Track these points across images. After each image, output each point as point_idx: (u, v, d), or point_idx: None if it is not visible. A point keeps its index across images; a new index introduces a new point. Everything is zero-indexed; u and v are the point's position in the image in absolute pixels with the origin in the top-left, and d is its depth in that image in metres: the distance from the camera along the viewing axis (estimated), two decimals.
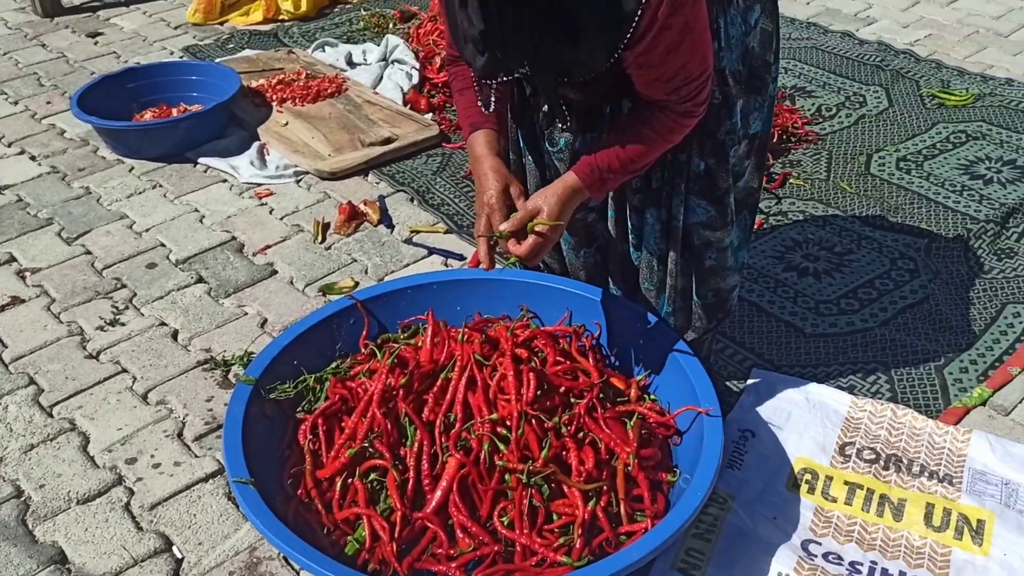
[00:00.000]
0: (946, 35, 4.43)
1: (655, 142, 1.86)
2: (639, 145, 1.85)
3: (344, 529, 1.84)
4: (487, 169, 1.93)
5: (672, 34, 1.68)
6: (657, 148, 1.88)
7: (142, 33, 4.72)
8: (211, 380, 2.46)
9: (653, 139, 1.85)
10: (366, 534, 1.80)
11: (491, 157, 1.94)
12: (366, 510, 1.82)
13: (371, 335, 2.26)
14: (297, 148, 3.53)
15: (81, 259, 2.97)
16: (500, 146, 1.98)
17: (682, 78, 1.76)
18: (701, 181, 2.03)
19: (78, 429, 2.31)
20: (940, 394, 2.35)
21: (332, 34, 4.62)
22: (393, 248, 3.02)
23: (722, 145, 2.00)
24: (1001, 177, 3.25)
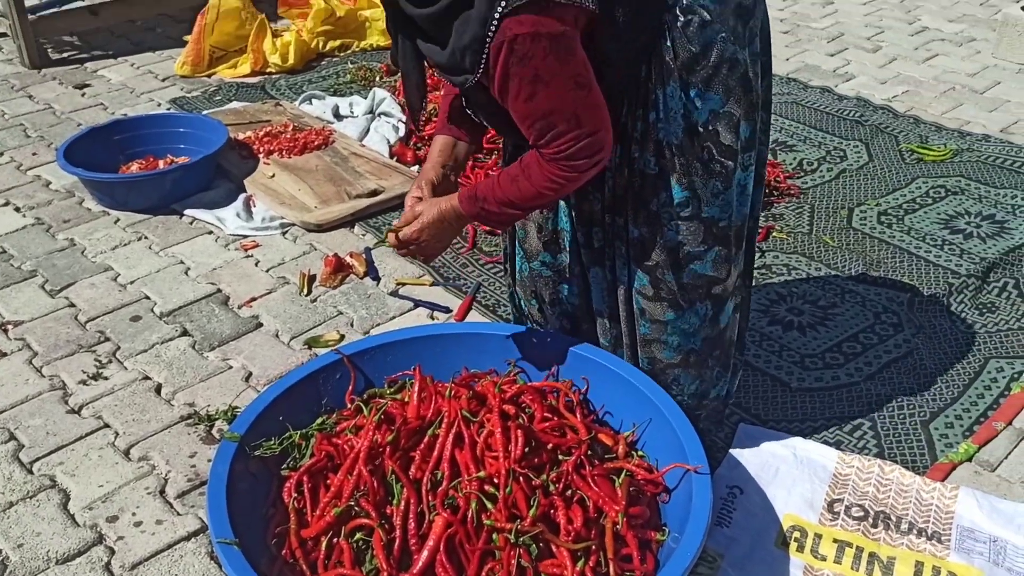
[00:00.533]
0: (923, 91, 4.51)
1: (524, 184, 1.86)
2: (511, 183, 1.88)
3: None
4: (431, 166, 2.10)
5: (520, 82, 1.71)
6: (527, 191, 1.87)
7: (130, 85, 4.74)
8: (194, 435, 2.44)
9: (522, 181, 1.86)
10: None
11: (431, 161, 2.10)
12: (351, 572, 1.79)
13: (357, 390, 2.25)
14: (283, 200, 3.54)
15: (64, 312, 2.95)
16: (454, 151, 2.11)
17: (544, 126, 1.77)
18: (636, 248, 2.05)
19: (59, 486, 2.28)
20: (927, 449, 2.35)
21: (319, 87, 4.66)
22: (379, 301, 3.02)
23: (656, 217, 1.99)
24: (981, 232, 3.30)
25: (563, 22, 1.67)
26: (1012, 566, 1.98)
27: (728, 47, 1.87)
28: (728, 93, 1.90)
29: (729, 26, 1.87)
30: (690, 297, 2.07)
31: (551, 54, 1.68)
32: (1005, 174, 3.67)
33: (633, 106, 1.91)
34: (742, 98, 1.91)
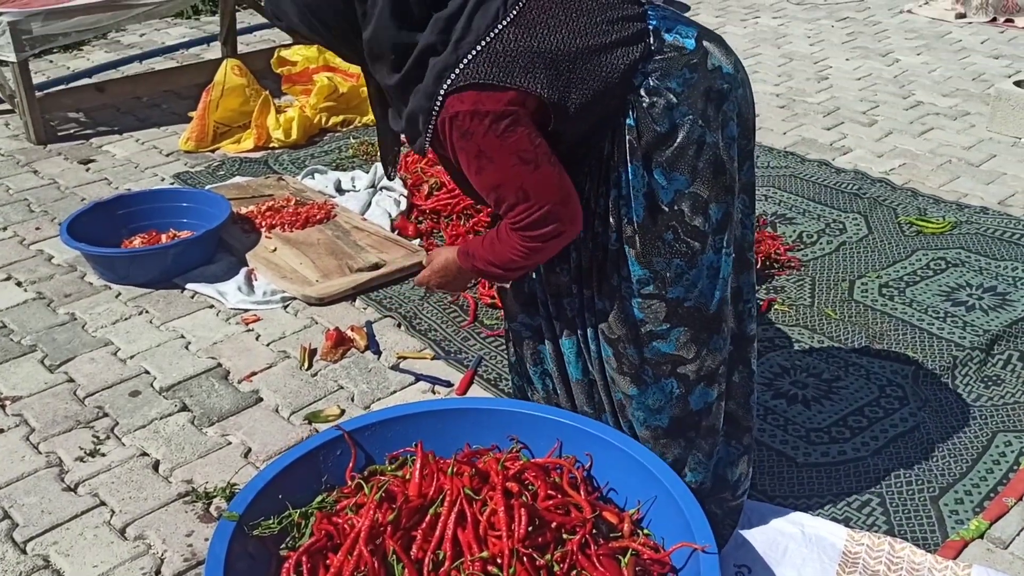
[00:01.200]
0: (920, 164, 4.56)
1: (500, 248, 1.95)
2: (491, 246, 1.97)
3: None
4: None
5: (467, 156, 1.80)
6: (502, 256, 1.95)
7: (134, 160, 4.79)
8: (192, 513, 2.40)
9: (498, 245, 1.95)
10: None
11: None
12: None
13: (358, 467, 2.22)
14: (285, 274, 3.55)
15: (63, 387, 2.93)
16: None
17: (496, 198, 1.85)
18: (601, 320, 2.06)
19: (52, 566, 2.23)
20: (937, 526, 2.31)
21: (322, 161, 4.71)
22: (380, 375, 3.00)
23: (618, 291, 2.00)
24: (983, 304, 3.30)
25: (505, 102, 1.74)
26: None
27: (696, 129, 1.88)
28: (695, 174, 1.90)
29: (698, 109, 1.88)
30: (654, 373, 2.06)
31: (490, 131, 1.75)
32: (1005, 246, 3.68)
33: (596, 182, 1.94)
34: (711, 180, 1.91)
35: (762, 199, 4.15)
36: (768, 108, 5.32)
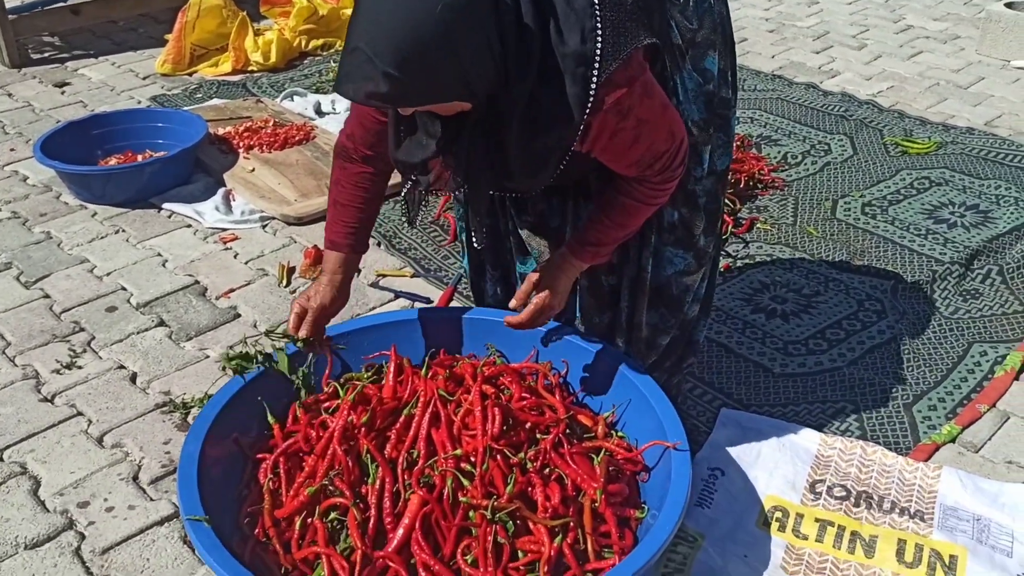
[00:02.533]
0: (907, 87, 4.51)
1: (640, 209, 1.91)
2: (627, 215, 1.91)
3: (303, 569, 1.78)
4: (327, 283, 2.06)
5: (627, 132, 1.73)
6: (644, 213, 1.93)
7: (110, 83, 4.71)
8: (169, 423, 2.40)
9: (638, 207, 1.90)
10: (325, 574, 1.73)
11: (338, 274, 2.06)
12: (325, 549, 1.76)
13: (334, 374, 2.21)
14: (263, 194, 3.51)
15: (39, 303, 2.91)
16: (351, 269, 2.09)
17: (651, 156, 1.79)
18: (676, 231, 2.08)
19: (29, 473, 2.24)
20: (909, 431, 2.33)
21: (301, 85, 4.64)
22: (359, 292, 2.98)
23: (693, 195, 2.05)
24: (964, 221, 3.29)
25: (639, 63, 1.70)
26: (996, 544, 1.96)
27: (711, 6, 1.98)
28: (716, 49, 1.99)
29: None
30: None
31: (643, 96, 1.71)
32: (989, 165, 3.66)
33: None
34: (723, 48, 2.02)
35: (748, 121, 4.11)
36: (757, 32, 5.25)
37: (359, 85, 1.49)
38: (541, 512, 1.77)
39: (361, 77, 1.48)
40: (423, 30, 1.45)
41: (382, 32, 1.45)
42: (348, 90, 1.51)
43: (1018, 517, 2.02)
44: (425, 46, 1.46)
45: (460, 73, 1.50)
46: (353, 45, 1.48)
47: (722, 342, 2.69)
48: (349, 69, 1.49)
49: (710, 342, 2.67)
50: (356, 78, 1.48)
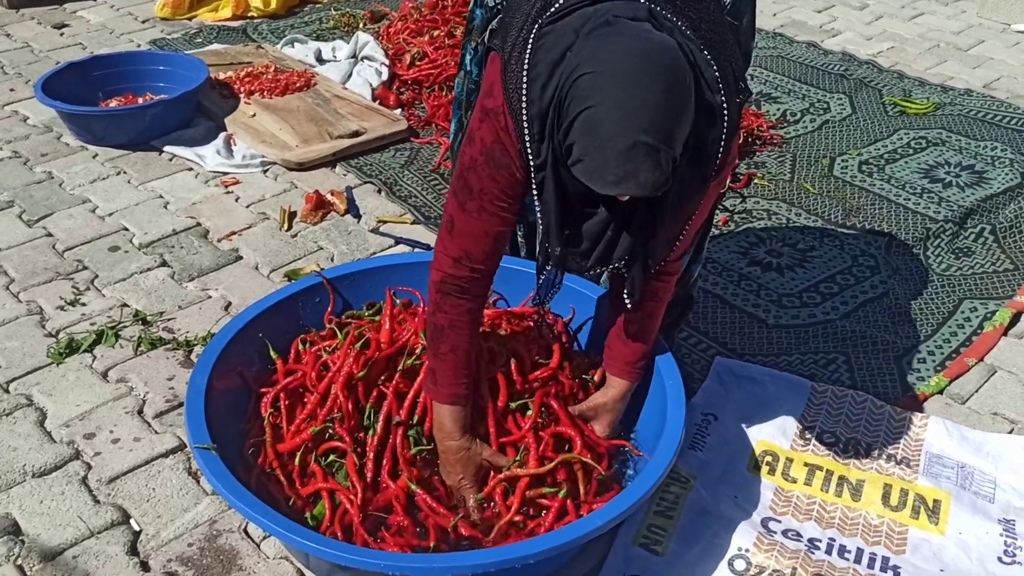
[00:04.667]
0: (908, 48, 4.52)
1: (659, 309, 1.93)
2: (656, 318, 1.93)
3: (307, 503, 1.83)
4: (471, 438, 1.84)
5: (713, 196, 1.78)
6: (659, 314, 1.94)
7: (109, 26, 4.68)
8: (173, 360, 2.43)
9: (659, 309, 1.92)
10: (326, 508, 1.78)
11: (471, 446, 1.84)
12: (330, 484, 1.81)
13: (336, 312, 2.25)
14: (264, 139, 3.52)
15: (42, 241, 2.93)
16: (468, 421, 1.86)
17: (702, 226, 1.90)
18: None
19: (35, 405, 2.27)
20: (898, 382, 2.38)
21: (302, 32, 4.62)
22: (360, 237, 3.01)
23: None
24: (960, 181, 3.32)
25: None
26: (978, 490, 2.02)
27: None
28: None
29: None
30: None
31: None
32: (986, 127, 3.69)
33: None
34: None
35: (747, 78, 4.11)
36: None
37: (648, 179, 1.39)
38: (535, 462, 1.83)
39: (648, 170, 1.38)
40: (682, 102, 1.41)
41: (652, 115, 1.37)
42: (632, 187, 1.40)
43: (1001, 465, 2.08)
44: (684, 119, 1.42)
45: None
46: (631, 140, 1.36)
47: (718, 293, 2.73)
48: (633, 167, 1.38)
49: (706, 293, 2.71)
50: (643, 173, 1.38)
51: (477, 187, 1.67)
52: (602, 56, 1.41)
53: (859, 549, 1.88)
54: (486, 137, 1.64)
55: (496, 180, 1.65)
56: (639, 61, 1.39)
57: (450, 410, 1.82)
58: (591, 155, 1.40)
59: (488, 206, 1.68)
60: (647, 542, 1.88)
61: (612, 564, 1.84)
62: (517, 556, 1.58)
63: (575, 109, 1.41)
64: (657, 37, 1.45)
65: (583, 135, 1.40)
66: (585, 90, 1.40)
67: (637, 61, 1.40)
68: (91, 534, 1.92)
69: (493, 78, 1.65)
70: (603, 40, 1.43)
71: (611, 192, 1.42)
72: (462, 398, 1.82)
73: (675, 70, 1.41)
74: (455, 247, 1.75)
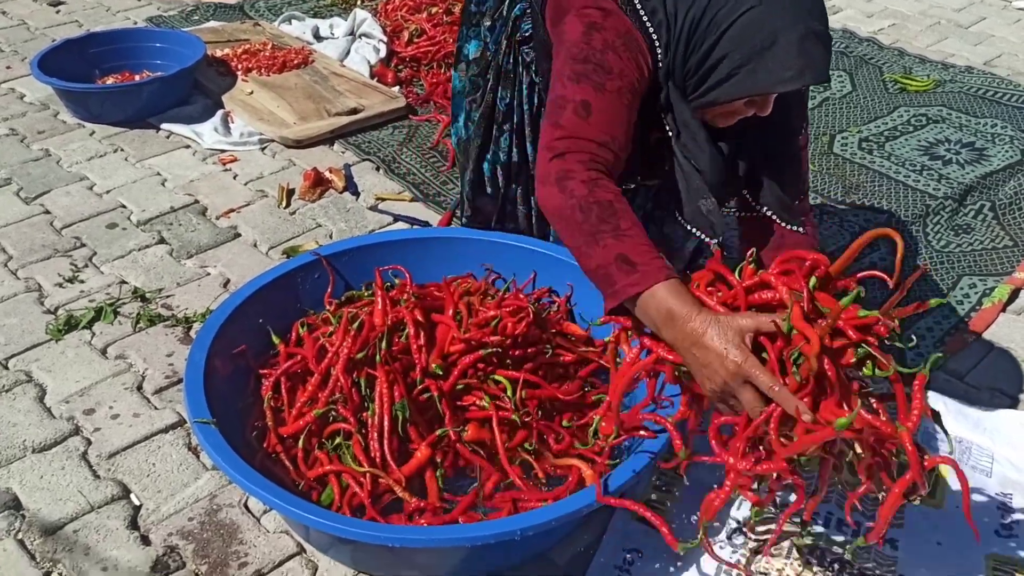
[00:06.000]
0: (909, 25, 4.50)
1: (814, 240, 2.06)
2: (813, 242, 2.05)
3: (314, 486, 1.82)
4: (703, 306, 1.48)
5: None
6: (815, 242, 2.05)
7: (104, 3, 4.65)
8: (172, 336, 2.43)
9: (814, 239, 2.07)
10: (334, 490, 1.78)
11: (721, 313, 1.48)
12: (337, 466, 1.80)
13: (336, 292, 2.24)
14: (262, 116, 3.50)
15: (40, 218, 2.93)
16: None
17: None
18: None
19: (35, 381, 2.28)
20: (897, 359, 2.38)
21: (299, 9, 4.59)
22: (358, 214, 3.00)
23: None
24: (959, 159, 3.31)
25: None
26: (976, 464, 2.03)
27: None
28: None
29: None
30: None
31: None
32: (987, 104, 3.67)
33: None
34: None
35: None
36: None
37: (823, 65, 1.48)
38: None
39: (822, 56, 1.47)
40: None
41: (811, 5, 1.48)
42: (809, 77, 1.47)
43: (998, 440, 2.09)
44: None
45: None
46: (804, 29, 1.44)
47: None
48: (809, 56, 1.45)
49: None
50: (819, 59, 1.46)
51: (618, 68, 1.61)
52: None
53: (857, 522, 1.88)
54: (620, 26, 1.62)
55: (636, 63, 1.62)
56: None
57: (669, 287, 1.46)
58: (758, 58, 1.45)
59: (627, 89, 1.61)
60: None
61: (610, 540, 1.85)
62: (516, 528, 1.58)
63: (723, 22, 1.46)
64: None
65: (742, 42, 1.45)
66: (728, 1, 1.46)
67: None
68: (91, 508, 1.92)
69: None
70: None
71: (788, 87, 1.47)
72: (671, 268, 1.50)
73: None
74: (598, 130, 1.58)
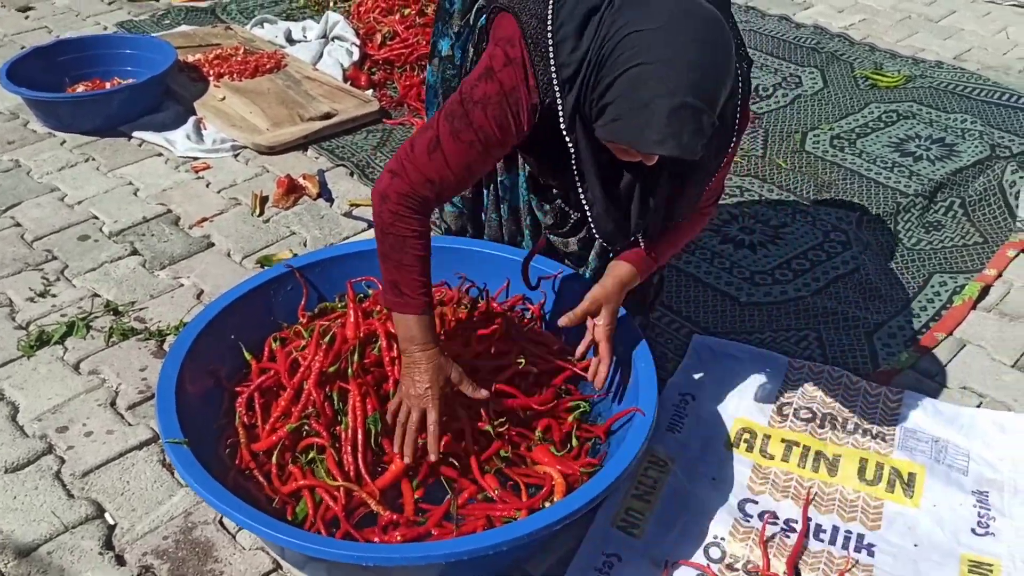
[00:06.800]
0: (879, 20, 4.53)
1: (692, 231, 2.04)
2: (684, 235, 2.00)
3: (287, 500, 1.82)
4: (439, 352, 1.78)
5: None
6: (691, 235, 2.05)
7: (75, 8, 4.60)
8: (145, 350, 2.42)
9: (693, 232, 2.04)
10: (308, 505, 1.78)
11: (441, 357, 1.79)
12: (311, 481, 1.80)
13: (310, 304, 2.22)
14: (234, 122, 3.48)
15: (10, 231, 2.89)
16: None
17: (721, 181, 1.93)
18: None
19: (7, 399, 2.25)
20: (870, 358, 2.40)
21: (271, 12, 4.56)
22: (333, 221, 2.99)
23: None
24: (930, 155, 3.34)
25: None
26: (952, 463, 2.05)
27: None
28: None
29: None
30: None
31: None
32: (956, 99, 3.70)
33: None
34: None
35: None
36: None
37: (690, 141, 1.43)
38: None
39: (692, 133, 1.43)
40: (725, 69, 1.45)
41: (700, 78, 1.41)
42: (673, 148, 1.44)
43: (974, 439, 2.11)
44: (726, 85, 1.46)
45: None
46: (679, 101, 1.40)
47: (690, 272, 2.74)
48: (677, 128, 1.42)
49: (678, 272, 2.72)
50: (687, 135, 1.42)
51: (479, 123, 1.66)
52: (649, 17, 1.44)
53: (835, 527, 1.90)
54: (506, 81, 1.64)
55: (502, 125, 1.66)
56: (686, 24, 1.43)
57: (419, 319, 1.77)
58: (633, 114, 1.43)
59: (479, 143, 1.68)
60: (625, 525, 1.89)
61: (590, 544, 1.85)
62: (489, 544, 1.58)
63: (619, 68, 1.44)
64: (700, 2, 1.48)
65: (626, 94, 1.43)
66: (631, 48, 1.43)
67: (687, 23, 1.43)
68: (65, 529, 1.91)
69: (510, 33, 1.64)
70: (645, 3, 1.46)
71: (651, 151, 1.45)
72: (430, 306, 1.79)
73: (720, 34, 1.45)
74: (433, 169, 1.70)
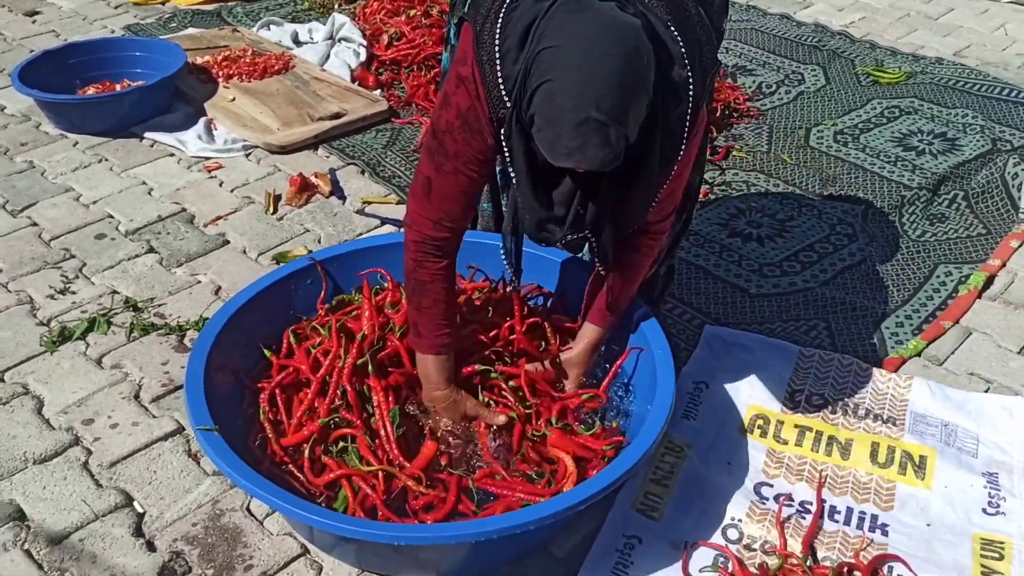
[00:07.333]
0: (879, 17, 4.58)
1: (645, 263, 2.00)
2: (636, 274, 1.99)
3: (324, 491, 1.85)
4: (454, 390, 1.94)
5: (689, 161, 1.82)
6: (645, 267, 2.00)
7: (81, 12, 4.64)
8: (166, 345, 2.45)
9: (642, 264, 1.99)
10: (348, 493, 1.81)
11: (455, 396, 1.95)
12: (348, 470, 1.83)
13: (328, 297, 2.26)
14: (245, 123, 3.52)
15: (27, 231, 2.93)
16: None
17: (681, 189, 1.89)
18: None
19: (31, 393, 2.29)
20: (878, 346, 2.45)
21: (277, 14, 4.60)
22: (345, 218, 3.03)
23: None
24: (932, 149, 3.39)
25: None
26: (962, 446, 2.09)
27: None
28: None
29: None
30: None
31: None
32: (957, 95, 3.75)
33: None
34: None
35: (723, 52, 4.16)
36: None
37: (596, 154, 1.44)
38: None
39: (597, 146, 1.43)
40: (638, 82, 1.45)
41: (605, 93, 1.41)
42: (581, 160, 1.45)
43: (983, 423, 2.15)
44: (639, 98, 1.46)
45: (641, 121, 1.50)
46: (583, 116, 1.41)
47: (700, 264, 2.78)
48: (582, 141, 1.43)
49: (689, 265, 2.76)
50: (592, 148, 1.43)
51: (452, 150, 1.74)
52: (565, 32, 1.47)
53: (848, 508, 1.94)
54: (462, 103, 1.70)
55: (471, 144, 1.72)
56: (599, 39, 1.45)
57: (435, 360, 1.90)
58: (547, 127, 1.47)
59: (463, 168, 1.75)
60: (644, 508, 1.93)
61: (611, 526, 1.89)
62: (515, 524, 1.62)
63: (536, 81, 1.48)
64: (622, 16, 1.50)
65: (541, 107, 1.47)
66: (545, 63, 1.46)
67: (597, 39, 1.45)
68: (96, 517, 1.94)
69: (466, 47, 1.69)
70: (567, 16, 1.49)
71: (563, 164, 1.49)
72: (446, 347, 1.91)
73: (635, 49, 1.46)
74: (434, 209, 1.80)
